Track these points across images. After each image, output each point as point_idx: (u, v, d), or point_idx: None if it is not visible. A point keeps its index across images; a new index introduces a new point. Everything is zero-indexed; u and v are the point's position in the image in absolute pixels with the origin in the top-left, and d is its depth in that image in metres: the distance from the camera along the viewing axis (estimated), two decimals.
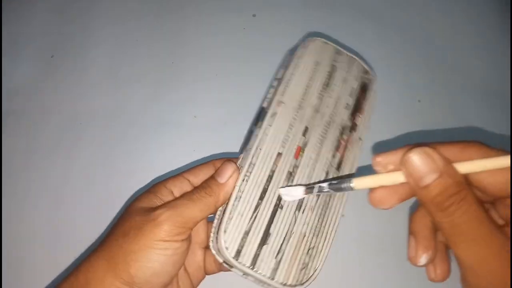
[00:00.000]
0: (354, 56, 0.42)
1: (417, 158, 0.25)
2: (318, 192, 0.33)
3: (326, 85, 0.40)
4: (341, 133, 0.39)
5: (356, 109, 0.41)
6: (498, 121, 0.55)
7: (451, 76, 0.58)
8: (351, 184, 0.29)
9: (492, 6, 0.61)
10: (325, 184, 0.32)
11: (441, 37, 0.60)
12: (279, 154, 0.36)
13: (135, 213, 0.32)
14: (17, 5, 0.60)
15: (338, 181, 0.31)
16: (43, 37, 0.59)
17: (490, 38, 0.60)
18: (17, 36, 0.58)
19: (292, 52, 0.41)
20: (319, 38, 0.42)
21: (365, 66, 0.42)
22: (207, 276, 0.39)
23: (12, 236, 0.48)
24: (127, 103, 0.55)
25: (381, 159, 0.28)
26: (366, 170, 0.31)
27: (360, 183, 0.29)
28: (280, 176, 0.35)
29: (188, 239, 0.33)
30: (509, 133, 0.53)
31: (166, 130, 0.54)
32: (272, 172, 0.35)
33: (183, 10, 0.61)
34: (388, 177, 0.28)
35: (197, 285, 0.37)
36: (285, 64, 0.40)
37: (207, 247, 0.38)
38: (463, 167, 0.25)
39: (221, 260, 0.33)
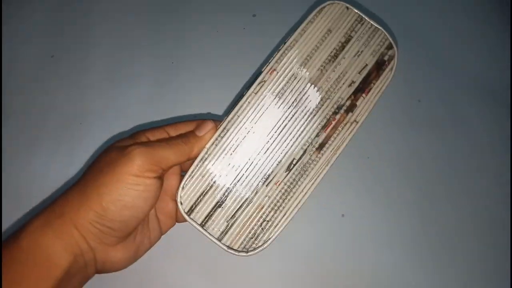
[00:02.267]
0: (379, 27, 0.37)
1: None
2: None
3: (334, 57, 0.37)
4: (335, 112, 0.36)
5: (361, 88, 0.37)
6: (498, 121, 0.54)
7: (451, 76, 0.57)
8: None
9: (492, 6, 0.61)
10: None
11: (441, 37, 0.60)
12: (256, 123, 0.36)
13: (111, 150, 0.33)
14: (17, 5, 0.61)
15: None
16: (43, 37, 0.59)
17: (490, 38, 0.60)
18: (18, 36, 0.59)
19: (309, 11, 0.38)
20: (341, 2, 0.37)
21: (390, 39, 0.37)
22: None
23: None
24: (127, 103, 0.55)
25: None
26: None
27: None
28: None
29: (161, 179, 0.33)
30: (509, 133, 0.53)
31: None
32: (243, 141, 0.36)
33: (183, 10, 0.61)
34: None
35: (165, 232, 0.38)
36: (296, 27, 0.37)
37: None
38: None
39: (180, 210, 0.35)
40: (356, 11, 0.37)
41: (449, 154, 0.53)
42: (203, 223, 0.35)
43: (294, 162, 0.36)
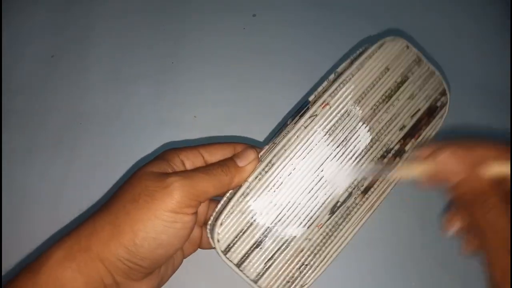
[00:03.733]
0: (435, 70, 0.36)
1: (446, 157, 0.27)
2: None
3: (389, 97, 0.35)
4: (383, 156, 0.35)
5: (412, 133, 0.36)
6: (498, 121, 0.55)
7: (451, 76, 0.58)
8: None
9: (492, 6, 0.62)
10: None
11: (441, 37, 0.60)
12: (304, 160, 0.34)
13: (146, 177, 0.30)
14: (18, 5, 0.60)
15: None
16: (43, 37, 0.59)
17: (490, 38, 0.60)
18: (18, 36, 0.59)
19: (369, 43, 0.36)
20: (402, 39, 0.36)
21: (445, 86, 0.37)
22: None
23: (12, 236, 0.48)
24: (127, 103, 0.55)
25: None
26: None
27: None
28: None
29: (196, 214, 0.31)
30: (509, 133, 0.54)
31: (166, 130, 0.53)
32: (288, 178, 0.33)
33: (183, 10, 0.60)
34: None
35: (188, 256, 0.37)
36: (352, 58, 0.35)
37: (204, 225, 0.37)
38: (494, 169, 0.27)
39: (213, 247, 0.33)
40: (416, 50, 0.36)
41: None
42: (239, 264, 0.33)
43: (338, 205, 0.34)
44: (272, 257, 0.33)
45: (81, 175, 0.51)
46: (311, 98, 0.35)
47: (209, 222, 0.34)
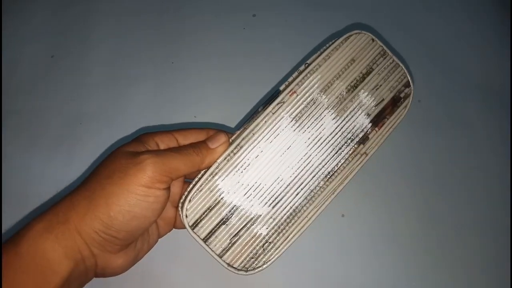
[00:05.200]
0: (400, 63, 0.38)
1: None
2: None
3: (354, 87, 0.37)
4: (346, 143, 0.37)
5: (375, 121, 0.37)
6: (498, 121, 0.55)
7: (451, 76, 0.58)
8: None
9: (492, 7, 0.62)
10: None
11: (441, 37, 0.60)
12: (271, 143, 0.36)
13: (120, 156, 0.32)
14: (17, 5, 0.60)
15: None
16: (43, 37, 0.58)
17: (490, 38, 0.60)
18: (18, 36, 0.58)
19: (335, 37, 0.38)
20: (367, 33, 0.37)
21: (409, 78, 0.38)
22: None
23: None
24: (127, 103, 0.55)
25: None
26: None
27: None
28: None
29: (169, 190, 0.33)
30: (509, 133, 0.54)
31: (166, 130, 0.54)
32: (255, 160, 0.35)
33: (183, 10, 0.61)
34: None
35: (163, 235, 0.38)
36: (321, 50, 0.37)
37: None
38: None
39: (182, 221, 0.35)
40: (381, 44, 0.37)
41: (449, 154, 0.54)
42: (206, 239, 0.35)
43: (302, 187, 0.36)
44: (237, 234, 0.35)
45: (81, 175, 0.50)
46: (282, 88, 0.37)
47: (181, 200, 0.36)
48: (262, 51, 0.58)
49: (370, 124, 0.37)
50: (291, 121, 0.36)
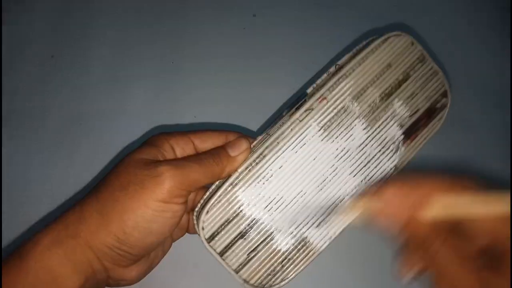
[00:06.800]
0: (439, 70, 0.35)
1: (389, 196, 0.25)
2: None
3: (389, 95, 0.34)
4: (376, 155, 0.34)
5: (408, 133, 0.34)
6: (498, 121, 0.54)
7: (451, 76, 0.57)
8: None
9: (492, 6, 0.61)
10: None
11: (440, 37, 0.58)
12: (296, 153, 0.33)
13: (135, 165, 0.30)
14: (17, 5, 0.59)
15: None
16: (43, 37, 0.58)
17: (490, 38, 0.59)
18: (17, 36, 0.58)
19: (375, 36, 0.34)
20: (408, 35, 0.34)
21: (447, 86, 0.36)
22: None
23: (13, 237, 0.47)
24: (127, 103, 0.54)
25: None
26: None
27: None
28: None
29: (186, 203, 0.31)
30: (509, 133, 0.53)
31: (166, 130, 0.52)
32: (279, 171, 0.33)
33: (183, 10, 0.59)
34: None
35: (176, 240, 0.37)
36: (355, 51, 0.34)
37: (192, 211, 0.36)
38: (435, 210, 0.24)
39: (198, 234, 0.33)
40: (421, 48, 0.34)
41: (448, 154, 0.53)
42: (222, 253, 0.32)
43: (326, 201, 0.33)
44: (255, 249, 0.33)
45: (81, 175, 0.50)
46: (309, 90, 0.34)
47: (196, 209, 0.33)
48: (262, 51, 0.56)
49: (403, 136, 0.34)
50: (319, 130, 0.33)
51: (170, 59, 0.56)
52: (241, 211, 0.32)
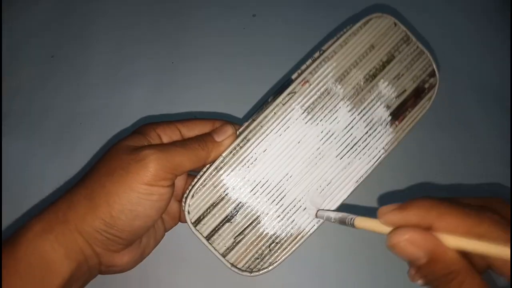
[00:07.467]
0: (425, 50, 0.34)
1: (404, 244, 0.23)
2: (326, 219, 0.31)
3: (373, 76, 0.33)
4: (367, 134, 0.34)
5: (395, 114, 0.34)
6: (498, 122, 0.53)
7: (451, 76, 0.56)
8: (353, 221, 0.27)
9: (492, 6, 0.60)
10: (332, 214, 0.30)
11: (440, 37, 0.58)
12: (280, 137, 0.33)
13: (121, 151, 0.30)
14: (17, 5, 0.60)
15: (342, 216, 0.29)
16: (43, 37, 0.58)
17: (490, 38, 0.58)
18: (18, 36, 0.58)
19: (354, 20, 0.34)
20: (390, 17, 0.34)
21: (434, 66, 0.34)
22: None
23: None
24: (127, 103, 0.54)
25: (384, 216, 0.24)
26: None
27: (361, 223, 0.26)
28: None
29: (173, 186, 0.31)
30: (509, 133, 0.52)
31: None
32: (263, 155, 0.33)
33: (183, 10, 0.60)
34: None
35: (169, 229, 0.37)
36: (338, 36, 0.34)
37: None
38: (464, 244, 0.22)
39: (187, 220, 0.33)
40: (404, 28, 0.34)
41: (448, 154, 0.52)
42: (209, 236, 0.33)
43: (312, 184, 0.33)
44: (242, 232, 0.33)
45: (81, 174, 0.48)
46: (294, 76, 0.34)
47: (184, 195, 0.33)
48: (262, 51, 0.56)
49: (390, 117, 0.34)
50: (303, 112, 0.33)
51: (170, 59, 0.56)
52: (226, 194, 0.33)
